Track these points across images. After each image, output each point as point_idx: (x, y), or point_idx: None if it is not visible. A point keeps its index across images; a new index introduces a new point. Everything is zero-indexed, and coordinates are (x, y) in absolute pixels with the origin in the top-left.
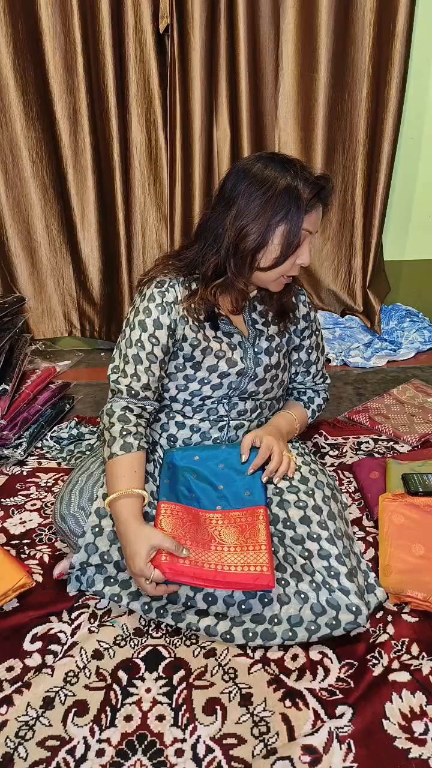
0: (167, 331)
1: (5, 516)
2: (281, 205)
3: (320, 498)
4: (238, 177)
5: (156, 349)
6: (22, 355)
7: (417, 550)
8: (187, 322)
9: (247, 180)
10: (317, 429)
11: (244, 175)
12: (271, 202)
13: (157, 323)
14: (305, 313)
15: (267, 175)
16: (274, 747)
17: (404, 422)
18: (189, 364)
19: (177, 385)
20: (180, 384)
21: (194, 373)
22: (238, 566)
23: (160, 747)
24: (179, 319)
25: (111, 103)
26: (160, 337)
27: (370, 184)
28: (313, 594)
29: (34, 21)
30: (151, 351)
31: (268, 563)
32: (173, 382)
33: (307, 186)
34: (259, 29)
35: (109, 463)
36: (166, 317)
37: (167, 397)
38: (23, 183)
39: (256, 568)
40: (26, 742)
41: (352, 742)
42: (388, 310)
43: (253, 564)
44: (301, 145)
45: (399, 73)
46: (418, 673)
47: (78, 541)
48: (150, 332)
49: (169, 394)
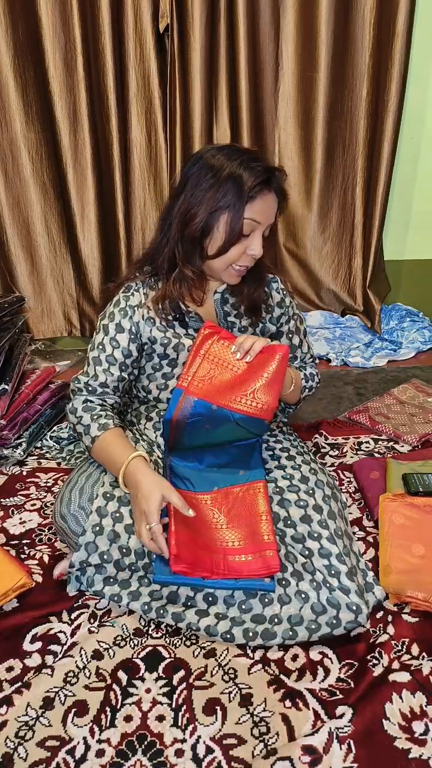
0: (128, 334)
1: (5, 516)
2: (224, 191)
3: (321, 497)
4: (191, 163)
5: (116, 352)
6: (22, 354)
7: (417, 550)
8: (154, 323)
9: (198, 165)
10: (317, 429)
11: (195, 161)
12: (215, 188)
13: (119, 327)
14: (279, 299)
15: (215, 161)
16: (274, 747)
17: (404, 422)
18: (165, 362)
19: (157, 385)
20: (160, 383)
21: (171, 370)
22: (241, 542)
23: (160, 747)
24: (144, 321)
25: (111, 103)
26: (121, 340)
27: (370, 184)
28: (313, 593)
29: (34, 21)
30: (111, 353)
31: (271, 538)
32: (153, 382)
33: (252, 174)
34: (259, 29)
35: (95, 449)
36: (127, 321)
37: (151, 398)
38: (23, 183)
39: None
40: (26, 743)
41: (352, 742)
42: (389, 310)
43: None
44: (301, 145)
45: (399, 73)
46: (419, 674)
47: (78, 540)
48: (111, 335)
49: (152, 395)
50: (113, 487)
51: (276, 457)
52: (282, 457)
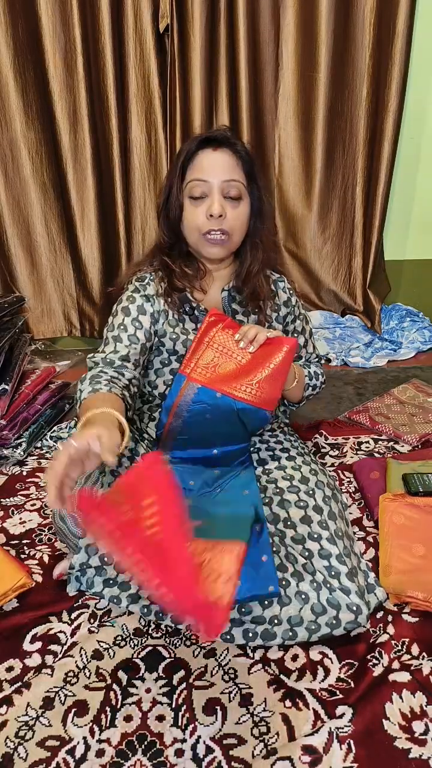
0: (150, 318)
1: (5, 516)
2: (174, 166)
3: (321, 498)
4: None
5: (139, 333)
6: (22, 354)
7: (417, 550)
8: (167, 317)
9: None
10: (317, 429)
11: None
12: (171, 168)
13: (141, 309)
14: (286, 299)
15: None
16: (274, 747)
17: (404, 422)
18: (174, 358)
19: (164, 381)
20: (167, 379)
21: (179, 366)
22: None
23: (160, 747)
24: (160, 312)
25: (111, 103)
26: (144, 321)
27: (370, 184)
28: (313, 594)
29: (34, 21)
30: (134, 333)
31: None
32: (160, 378)
33: (191, 141)
34: (259, 29)
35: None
36: (149, 306)
37: (156, 394)
38: (23, 183)
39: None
40: (26, 742)
41: (352, 742)
42: (389, 310)
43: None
44: (301, 145)
45: (399, 73)
46: (419, 674)
47: (78, 542)
48: (133, 316)
49: (158, 391)
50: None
51: (276, 457)
52: (282, 458)
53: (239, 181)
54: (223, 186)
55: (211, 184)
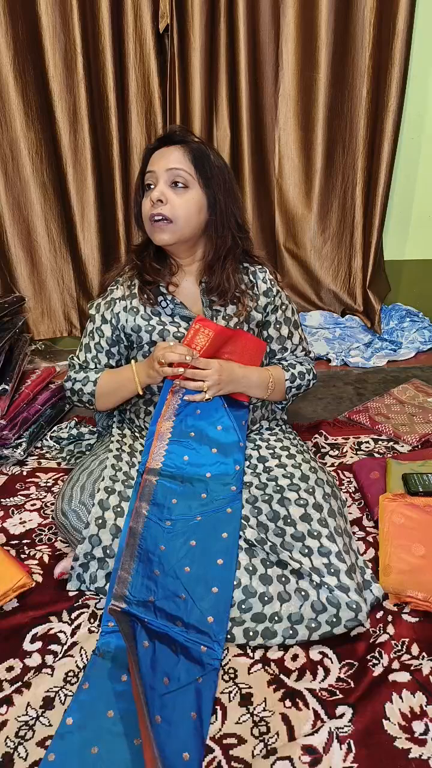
0: (110, 325)
1: (5, 516)
2: (142, 160)
3: (320, 495)
4: None
5: (102, 341)
6: (22, 354)
7: (417, 550)
8: (137, 312)
9: None
10: (317, 429)
11: None
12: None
13: (103, 318)
14: (266, 289)
15: None
16: (274, 747)
17: (404, 422)
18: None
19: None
20: None
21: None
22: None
23: None
24: (126, 312)
25: (111, 103)
26: (105, 330)
27: (370, 184)
28: (313, 591)
29: (34, 21)
30: (98, 342)
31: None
32: None
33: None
34: (259, 29)
35: (98, 390)
36: (108, 312)
37: (146, 390)
38: (23, 183)
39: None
40: (26, 742)
41: (352, 742)
42: (389, 310)
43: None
44: (301, 145)
45: (399, 73)
46: (419, 674)
47: (83, 532)
48: (97, 325)
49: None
50: (113, 481)
51: (276, 455)
52: (282, 456)
53: (184, 170)
54: (167, 174)
55: (156, 173)
